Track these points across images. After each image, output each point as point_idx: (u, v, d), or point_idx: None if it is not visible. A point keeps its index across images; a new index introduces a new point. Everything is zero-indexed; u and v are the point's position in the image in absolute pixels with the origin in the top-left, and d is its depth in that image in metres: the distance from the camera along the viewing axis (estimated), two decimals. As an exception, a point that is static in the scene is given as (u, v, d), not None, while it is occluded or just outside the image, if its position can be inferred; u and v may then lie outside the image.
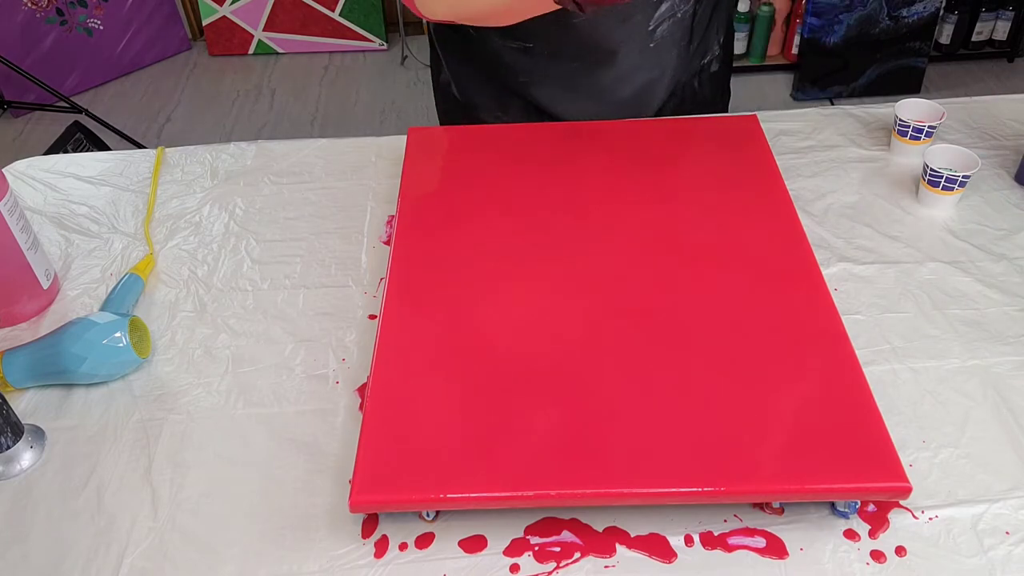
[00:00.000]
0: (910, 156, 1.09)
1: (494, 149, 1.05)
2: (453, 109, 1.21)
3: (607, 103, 1.13)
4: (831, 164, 1.09)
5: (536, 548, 0.70)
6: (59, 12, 2.74)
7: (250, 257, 0.99)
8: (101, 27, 2.85)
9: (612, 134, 1.07)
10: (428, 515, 0.72)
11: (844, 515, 0.71)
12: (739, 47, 2.86)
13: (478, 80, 1.16)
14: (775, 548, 0.69)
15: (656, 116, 1.16)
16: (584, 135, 1.07)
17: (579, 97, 1.12)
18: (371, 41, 3.01)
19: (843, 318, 0.81)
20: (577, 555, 0.69)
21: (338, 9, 2.95)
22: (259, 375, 0.85)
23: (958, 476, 0.73)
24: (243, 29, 2.99)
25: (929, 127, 1.06)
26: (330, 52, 3.03)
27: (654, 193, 0.97)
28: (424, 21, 1.18)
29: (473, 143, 1.06)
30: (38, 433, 0.80)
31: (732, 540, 0.70)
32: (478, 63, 1.14)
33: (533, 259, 0.89)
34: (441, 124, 1.27)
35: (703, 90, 1.18)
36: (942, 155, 1.01)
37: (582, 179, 0.99)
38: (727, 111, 1.22)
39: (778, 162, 1.01)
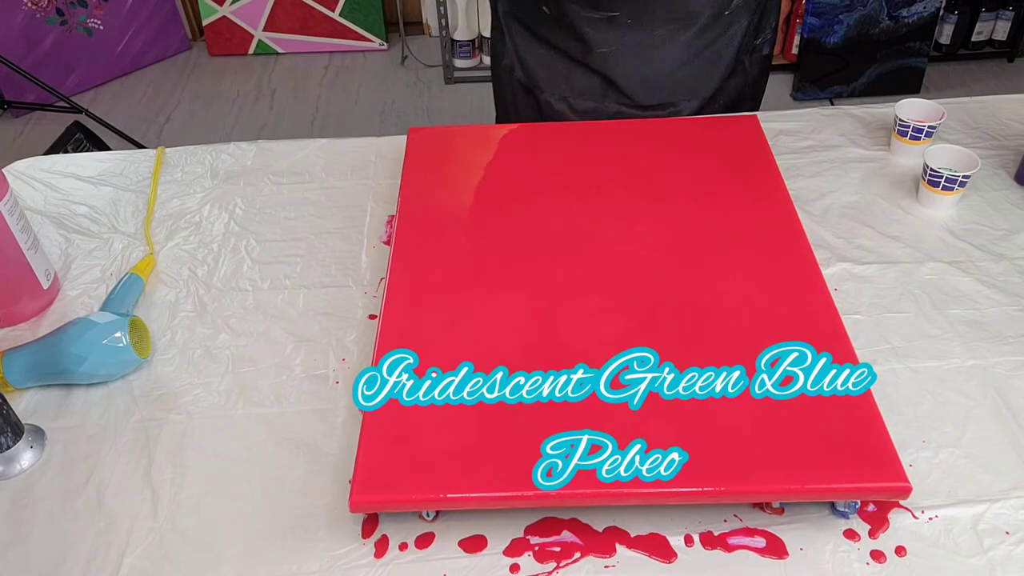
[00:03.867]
0: (910, 156, 1.09)
1: (494, 149, 1.05)
2: (514, 94, 1.26)
3: (675, 77, 1.15)
4: (831, 164, 1.09)
5: (536, 548, 0.70)
6: (59, 12, 2.74)
7: (250, 257, 0.99)
8: (101, 27, 2.85)
9: (612, 134, 1.07)
10: (428, 515, 0.72)
11: (844, 515, 0.71)
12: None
13: (545, 60, 1.19)
14: (775, 548, 0.69)
15: (714, 94, 1.19)
16: (584, 135, 1.07)
17: (651, 69, 1.15)
18: (371, 41, 3.01)
19: (843, 318, 0.81)
20: (577, 555, 0.69)
21: (338, 9, 2.95)
22: (259, 375, 0.85)
23: (958, 476, 0.73)
24: (243, 29, 2.99)
25: (929, 127, 1.06)
26: (330, 52, 3.03)
27: (654, 193, 0.97)
28: (491, 7, 1.28)
29: (473, 143, 1.06)
30: (38, 433, 0.80)
31: (732, 540, 0.70)
32: (549, 42, 1.17)
33: (533, 259, 0.89)
34: (497, 112, 1.34)
35: (752, 69, 1.21)
36: (942, 155, 1.01)
37: (582, 179, 0.99)
38: (762, 96, 1.29)
39: (778, 162, 1.01)
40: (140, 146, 2.47)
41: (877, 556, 0.68)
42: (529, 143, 1.05)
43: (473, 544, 0.70)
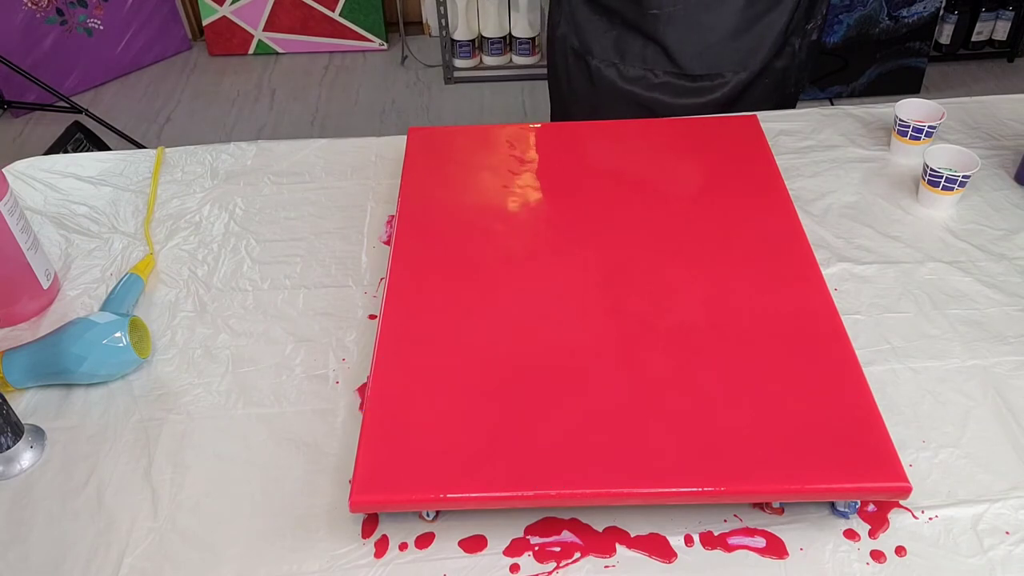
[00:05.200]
0: (910, 156, 1.09)
1: (494, 149, 1.05)
2: (567, 60, 1.30)
3: (724, 47, 1.18)
4: (831, 164, 1.09)
5: (536, 548, 0.70)
6: (59, 12, 2.74)
7: (250, 257, 0.99)
8: (101, 27, 2.84)
9: (612, 134, 1.07)
10: (428, 515, 0.72)
11: (844, 515, 0.71)
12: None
13: (598, 26, 1.23)
14: (775, 548, 0.69)
15: (761, 71, 1.21)
16: (585, 135, 1.07)
17: (701, 37, 1.18)
18: (371, 41, 3.00)
19: (843, 318, 0.81)
20: (577, 555, 0.69)
21: (338, 9, 2.94)
22: (259, 375, 0.85)
23: (958, 476, 0.73)
24: (243, 29, 2.98)
25: (929, 127, 1.06)
26: (330, 52, 3.02)
27: (654, 193, 0.97)
28: None
29: (473, 143, 1.07)
30: (38, 433, 0.80)
31: (732, 540, 0.70)
32: (604, 4, 1.22)
33: (532, 259, 0.89)
34: (550, 81, 1.38)
35: (800, 53, 1.24)
36: (942, 155, 1.01)
37: (582, 179, 0.99)
38: (805, 85, 1.33)
39: (778, 162, 1.01)
40: (140, 146, 2.46)
41: (877, 556, 0.68)
42: (529, 143, 1.05)
43: (473, 544, 0.70)
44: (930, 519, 0.71)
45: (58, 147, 2.16)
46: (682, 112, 1.23)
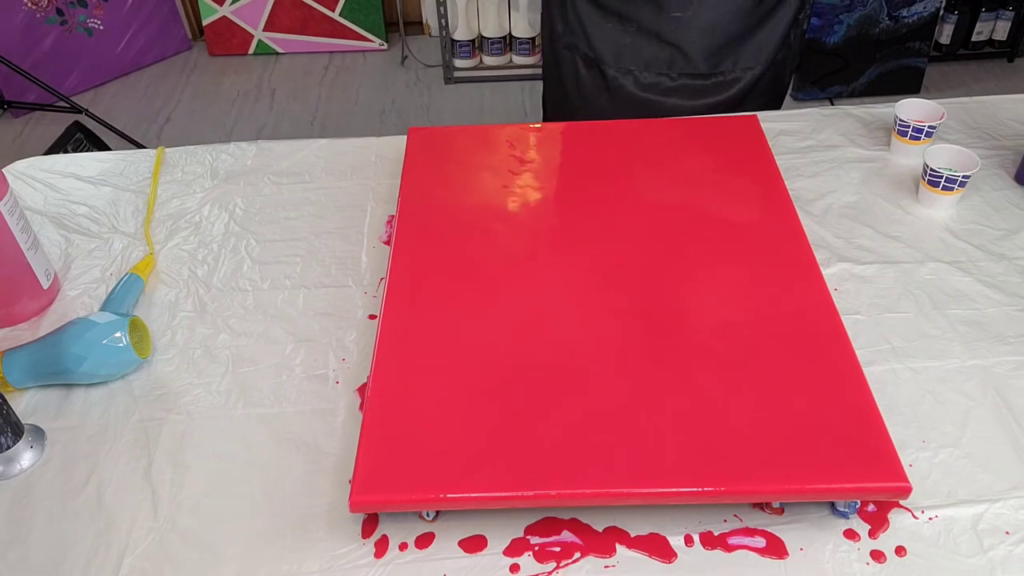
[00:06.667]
0: (910, 156, 1.09)
1: (494, 149, 1.05)
2: (577, 70, 1.30)
3: (737, 45, 1.20)
4: (831, 164, 1.09)
5: (536, 548, 0.70)
6: (59, 12, 2.74)
7: (250, 257, 0.99)
8: (101, 27, 2.84)
9: (612, 134, 1.07)
10: (428, 515, 0.72)
11: (844, 515, 0.71)
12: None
13: (612, 35, 1.24)
14: (775, 548, 0.69)
15: (766, 68, 1.24)
16: (584, 135, 1.07)
17: (716, 33, 1.20)
18: (371, 41, 3.00)
19: (843, 318, 0.81)
20: (577, 555, 0.69)
21: (338, 9, 2.94)
22: (259, 375, 0.85)
23: (958, 476, 0.73)
24: (243, 29, 2.98)
25: (929, 127, 1.06)
26: (330, 52, 3.02)
27: (654, 193, 0.97)
28: None
29: (473, 143, 1.07)
30: (38, 433, 0.80)
31: (732, 540, 0.70)
32: (619, 13, 1.22)
33: (532, 259, 0.89)
34: (549, 90, 1.38)
35: (795, 45, 1.27)
36: (942, 155, 1.01)
37: (582, 179, 0.99)
38: (794, 74, 1.35)
39: (778, 162, 1.01)
40: (140, 146, 2.46)
41: (877, 556, 0.68)
42: (529, 143, 1.05)
43: (473, 544, 0.70)
44: (930, 519, 0.71)
45: (58, 147, 2.16)
46: (694, 114, 1.23)
